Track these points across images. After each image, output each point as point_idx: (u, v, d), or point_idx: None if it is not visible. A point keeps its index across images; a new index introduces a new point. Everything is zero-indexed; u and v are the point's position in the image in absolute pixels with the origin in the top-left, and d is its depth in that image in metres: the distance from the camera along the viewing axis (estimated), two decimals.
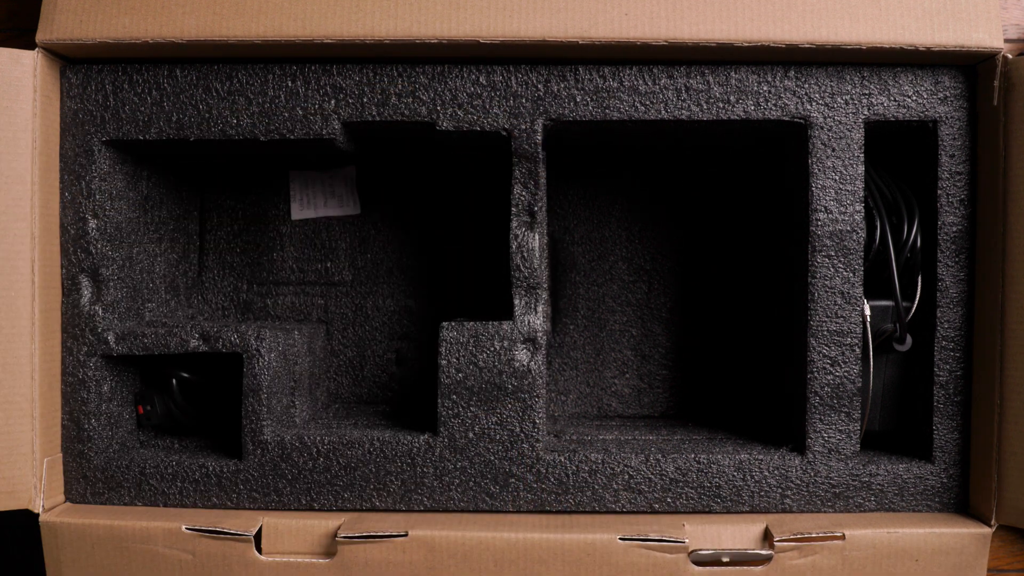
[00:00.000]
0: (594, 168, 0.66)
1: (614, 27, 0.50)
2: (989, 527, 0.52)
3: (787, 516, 0.54)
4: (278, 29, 0.50)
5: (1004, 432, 0.52)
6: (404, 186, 0.67)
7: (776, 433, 0.59)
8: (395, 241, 0.67)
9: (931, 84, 0.53)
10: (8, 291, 0.51)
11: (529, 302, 0.54)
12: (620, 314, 0.67)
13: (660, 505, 0.54)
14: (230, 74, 0.53)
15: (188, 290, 0.66)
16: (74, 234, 0.54)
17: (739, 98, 0.52)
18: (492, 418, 0.54)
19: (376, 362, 0.67)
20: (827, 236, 0.52)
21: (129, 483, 0.55)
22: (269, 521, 0.53)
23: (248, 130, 0.53)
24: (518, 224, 0.54)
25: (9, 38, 0.63)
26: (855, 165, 0.52)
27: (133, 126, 0.54)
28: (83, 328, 0.54)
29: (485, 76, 0.53)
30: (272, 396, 0.55)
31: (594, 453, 0.54)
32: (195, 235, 0.67)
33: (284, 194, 0.67)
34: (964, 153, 0.53)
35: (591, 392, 0.67)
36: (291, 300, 0.67)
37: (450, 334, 0.54)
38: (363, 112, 0.53)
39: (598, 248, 0.66)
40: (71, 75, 0.54)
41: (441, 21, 0.50)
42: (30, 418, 0.51)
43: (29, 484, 0.52)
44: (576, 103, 0.53)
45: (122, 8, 0.51)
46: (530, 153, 0.53)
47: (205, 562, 0.51)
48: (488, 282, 0.67)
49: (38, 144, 0.51)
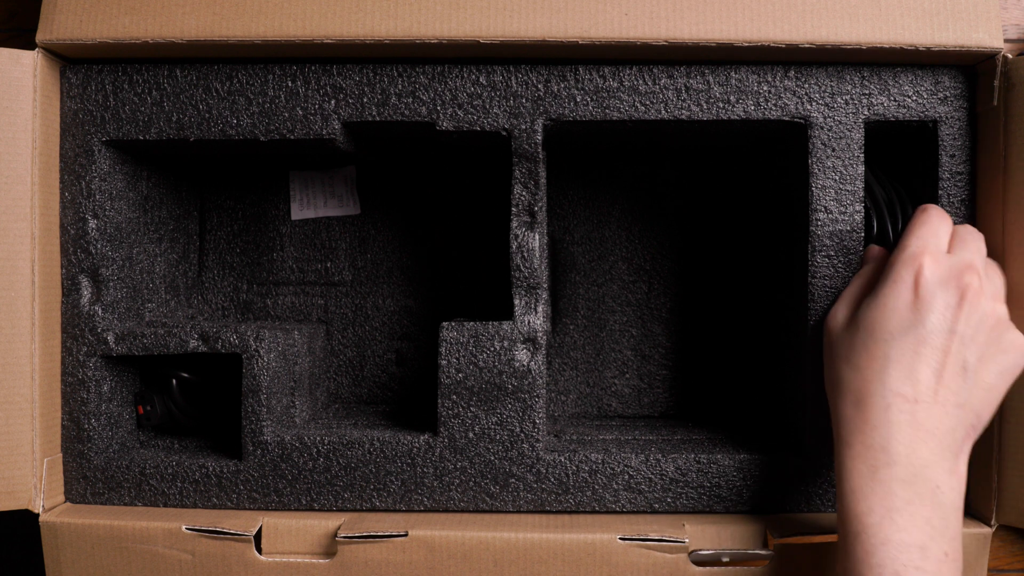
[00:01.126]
0: (594, 168, 0.66)
1: (614, 27, 0.50)
2: (989, 527, 0.52)
3: (787, 516, 0.54)
4: (278, 29, 0.50)
5: (1004, 432, 0.51)
6: (404, 186, 0.67)
7: (776, 433, 0.59)
8: (395, 241, 0.67)
9: (931, 84, 0.53)
10: (8, 291, 0.51)
11: (529, 302, 0.54)
12: (620, 314, 0.67)
13: (660, 505, 0.54)
14: (230, 74, 0.53)
15: (188, 290, 0.66)
16: (74, 234, 0.54)
17: (739, 98, 0.52)
18: (492, 418, 0.54)
19: (376, 362, 0.67)
20: (827, 236, 0.52)
21: (129, 483, 0.55)
22: (269, 521, 0.53)
23: (248, 130, 0.53)
24: (518, 224, 0.54)
25: (9, 38, 0.63)
26: (855, 165, 0.52)
27: (133, 126, 0.54)
28: (83, 328, 0.54)
29: (485, 76, 0.53)
30: (272, 396, 0.55)
31: (594, 453, 0.54)
32: (195, 235, 0.67)
33: (284, 194, 0.67)
34: (964, 153, 0.53)
35: (591, 392, 0.67)
36: (291, 300, 0.67)
37: (450, 334, 0.54)
38: (363, 112, 0.53)
39: (598, 248, 0.66)
40: (71, 75, 0.54)
41: (441, 21, 0.50)
42: (30, 418, 0.51)
43: (29, 484, 0.52)
44: (576, 103, 0.53)
45: (122, 8, 0.51)
46: (530, 153, 0.53)
47: (204, 562, 0.51)
48: (488, 282, 0.67)
49: (38, 144, 0.51)
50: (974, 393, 0.45)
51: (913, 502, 0.42)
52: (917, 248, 0.46)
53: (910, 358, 0.44)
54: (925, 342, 0.44)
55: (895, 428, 0.43)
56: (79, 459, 0.55)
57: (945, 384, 0.44)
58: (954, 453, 0.44)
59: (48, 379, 0.53)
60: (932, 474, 0.43)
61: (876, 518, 0.42)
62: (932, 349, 0.44)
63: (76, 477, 0.55)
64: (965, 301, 0.44)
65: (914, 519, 0.42)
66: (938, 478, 0.43)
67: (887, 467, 0.43)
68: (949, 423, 0.44)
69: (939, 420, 0.44)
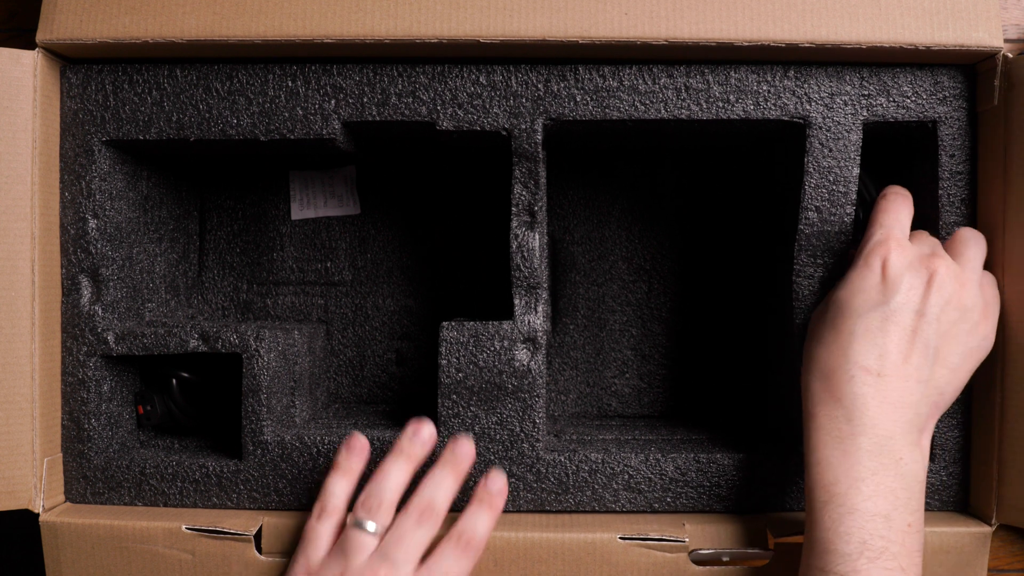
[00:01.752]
0: (594, 168, 0.66)
1: (614, 26, 0.50)
2: (989, 526, 0.52)
3: (787, 515, 0.54)
4: (278, 29, 0.50)
5: (1005, 430, 0.52)
6: (404, 186, 0.67)
7: (776, 432, 0.59)
8: (395, 241, 0.67)
9: (931, 84, 0.53)
10: (8, 291, 0.51)
11: (529, 302, 0.54)
12: (620, 314, 0.67)
13: (660, 504, 0.54)
14: (230, 74, 0.54)
15: (188, 290, 0.66)
16: (74, 234, 0.54)
17: (739, 97, 0.52)
18: (492, 418, 0.54)
19: (376, 362, 0.67)
20: (815, 236, 0.53)
21: (129, 483, 0.55)
22: (269, 521, 0.53)
23: (248, 130, 0.53)
24: (518, 224, 0.54)
25: (9, 38, 0.63)
26: (851, 167, 0.52)
27: (133, 126, 0.54)
28: (83, 328, 0.54)
29: (485, 76, 0.53)
30: (272, 396, 0.55)
31: (594, 453, 0.54)
32: (195, 235, 0.67)
33: (284, 194, 0.67)
34: (964, 153, 0.53)
35: (591, 392, 0.67)
36: (291, 300, 0.67)
37: (450, 334, 0.54)
38: (363, 112, 0.53)
39: (598, 248, 0.66)
40: (71, 75, 0.54)
41: (441, 21, 0.50)
42: (30, 418, 0.51)
43: (29, 484, 0.52)
44: (576, 102, 0.53)
45: (122, 8, 0.51)
46: (530, 153, 0.53)
47: (205, 562, 0.51)
48: (488, 282, 0.67)
49: (38, 144, 0.51)
50: (937, 372, 0.46)
51: (878, 472, 0.44)
52: (882, 235, 0.48)
53: (875, 334, 0.45)
54: (891, 319, 0.45)
55: (860, 400, 0.45)
56: (79, 459, 0.55)
57: (910, 361, 0.45)
58: (918, 428, 0.46)
59: (48, 379, 0.53)
60: (896, 446, 0.44)
61: (843, 487, 0.44)
62: (897, 327, 0.45)
63: (76, 477, 0.55)
64: (932, 284, 0.46)
65: (879, 489, 0.43)
66: (902, 450, 0.44)
67: (852, 437, 0.44)
68: (913, 398, 0.45)
69: (903, 394, 0.45)
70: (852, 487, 0.43)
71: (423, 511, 0.48)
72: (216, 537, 0.51)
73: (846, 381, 0.45)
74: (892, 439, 0.44)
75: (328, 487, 0.50)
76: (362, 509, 0.47)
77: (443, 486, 0.49)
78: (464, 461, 0.50)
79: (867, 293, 0.46)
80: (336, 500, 0.49)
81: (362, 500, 0.48)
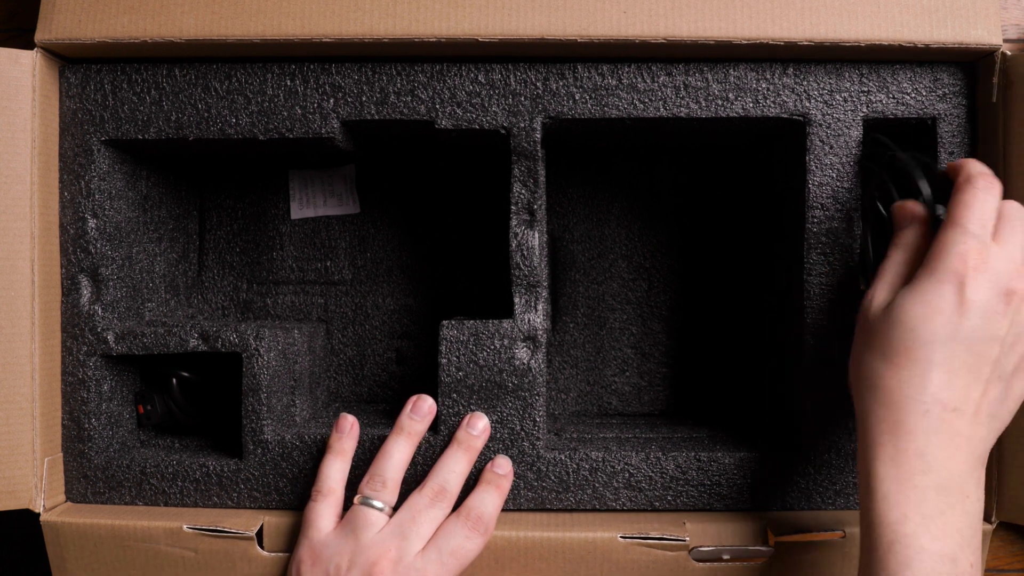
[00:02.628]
0: (593, 166, 0.66)
1: (613, 25, 0.50)
2: (989, 524, 0.52)
3: (787, 514, 0.54)
4: (277, 28, 0.50)
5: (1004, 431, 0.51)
6: (404, 185, 0.67)
7: (777, 431, 0.59)
8: (395, 240, 0.67)
9: (930, 81, 0.53)
10: (8, 291, 0.51)
11: (529, 300, 0.54)
12: (620, 312, 0.67)
13: (661, 503, 0.54)
14: (229, 73, 0.53)
15: (188, 290, 0.66)
16: (73, 234, 0.54)
17: (738, 95, 0.52)
18: (492, 416, 0.54)
19: (376, 361, 0.67)
20: (823, 233, 0.52)
21: (129, 483, 0.55)
22: (270, 520, 0.53)
23: (247, 129, 0.53)
24: (518, 222, 0.54)
25: (9, 38, 0.63)
26: (852, 163, 0.52)
27: (132, 126, 0.54)
28: (83, 328, 0.54)
29: (484, 74, 0.53)
30: (272, 395, 0.55)
31: (595, 451, 0.54)
32: (195, 235, 0.67)
33: (284, 193, 0.67)
34: (963, 150, 0.53)
35: (591, 390, 0.67)
36: (291, 299, 0.67)
37: (450, 333, 0.54)
38: (362, 111, 0.53)
39: (598, 246, 0.66)
40: (70, 75, 0.54)
41: (440, 20, 0.50)
42: (30, 418, 0.51)
43: (29, 484, 0.52)
44: (575, 101, 0.53)
45: (121, 8, 0.51)
46: (529, 151, 0.53)
47: (208, 558, 0.51)
48: (488, 280, 0.67)
49: (37, 144, 0.51)
50: (1006, 405, 0.43)
51: (946, 512, 0.41)
52: (962, 244, 0.42)
53: (958, 368, 0.42)
54: (972, 351, 0.42)
55: (933, 435, 0.41)
56: (79, 458, 0.55)
57: (987, 396, 0.42)
58: (983, 463, 0.43)
59: (48, 379, 0.53)
60: (964, 483, 0.42)
61: (912, 527, 0.40)
62: (979, 359, 0.42)
63: (76, 476, 0.55)
64: (1010, 308, 0.42)
65: (947, 529, 0.41)
66: (968, 488, 0.42)
67: (923, 474, 0.41)
68: (983, 432, 0.43)
69: (975, 429, 0.42)
70: (921, 526, 0.40)
71: (437, 492, 0.51)
72: (218, 536, 0.51)
73: (920, 415, 0.41)
74: (961, 476, 0.41)
75: (324, 470, 0.52)
76: (368, 487, 0.51)
77: (456, 469, 0.52)
78: (478, 439, 0.53)
79: (944, 315, 0.42)
80: (332, 482, 0.52)
81: (367, 479, 0.51)
